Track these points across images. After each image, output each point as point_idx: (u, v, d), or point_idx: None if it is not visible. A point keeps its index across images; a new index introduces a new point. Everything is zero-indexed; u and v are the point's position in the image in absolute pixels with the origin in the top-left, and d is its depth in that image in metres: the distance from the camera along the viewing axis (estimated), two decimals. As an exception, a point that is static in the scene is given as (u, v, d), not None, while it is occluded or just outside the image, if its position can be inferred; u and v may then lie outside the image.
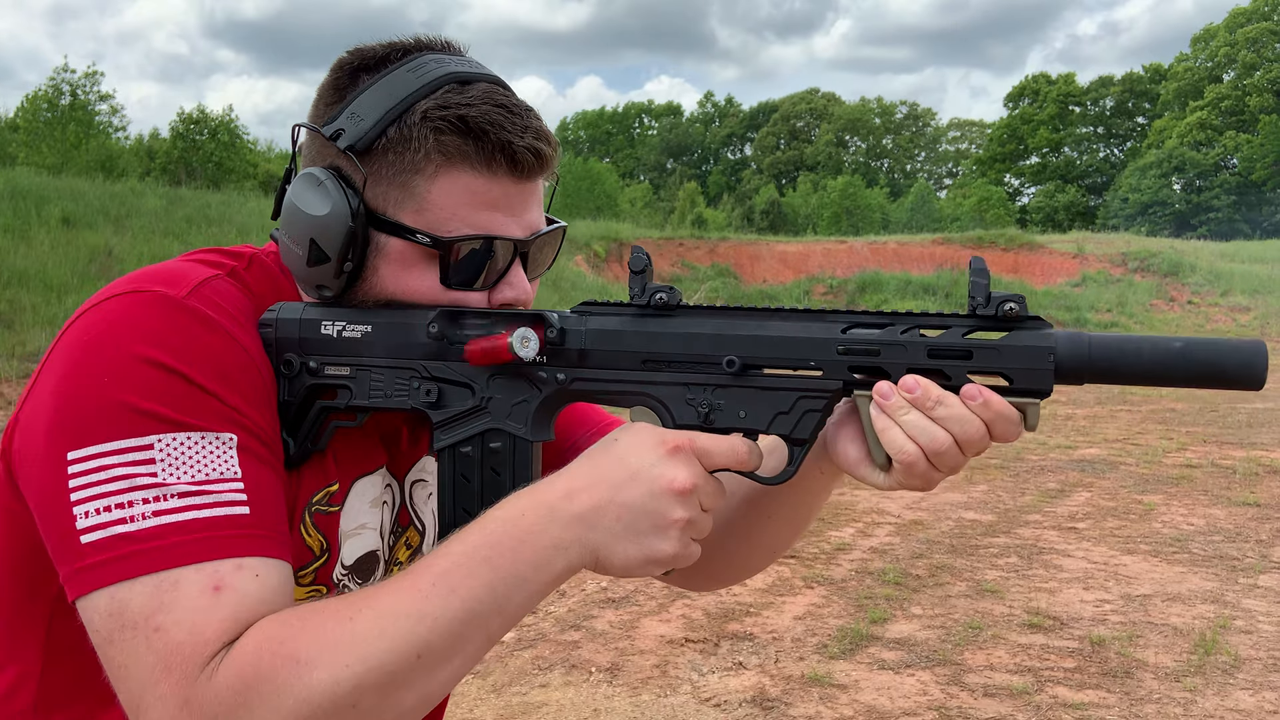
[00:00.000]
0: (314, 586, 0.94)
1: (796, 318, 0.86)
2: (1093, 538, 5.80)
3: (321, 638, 0.73)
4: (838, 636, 4.25)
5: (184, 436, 0.78)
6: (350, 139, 0.88)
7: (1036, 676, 3.87)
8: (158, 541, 0.75)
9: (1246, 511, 6.42)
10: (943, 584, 4.98)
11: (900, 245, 27.44)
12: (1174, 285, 23.94)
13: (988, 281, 0.82)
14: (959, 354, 0.83)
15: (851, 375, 0.85)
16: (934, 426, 0.81)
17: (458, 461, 0.90)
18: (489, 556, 0.77)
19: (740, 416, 0.87)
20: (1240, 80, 56.51)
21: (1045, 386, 0.82)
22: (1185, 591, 4.87)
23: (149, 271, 0.87)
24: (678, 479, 0.80)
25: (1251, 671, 3.91)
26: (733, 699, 3.67)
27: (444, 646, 0.75)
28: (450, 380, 0.90)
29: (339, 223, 0.88)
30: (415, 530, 1.05)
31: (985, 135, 71.68)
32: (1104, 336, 0.82)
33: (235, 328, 0.86)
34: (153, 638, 0.73)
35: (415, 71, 0.89)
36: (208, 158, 32.21)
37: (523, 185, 0.91)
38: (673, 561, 0.81)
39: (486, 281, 0.92)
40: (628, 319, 0.89)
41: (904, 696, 3.70)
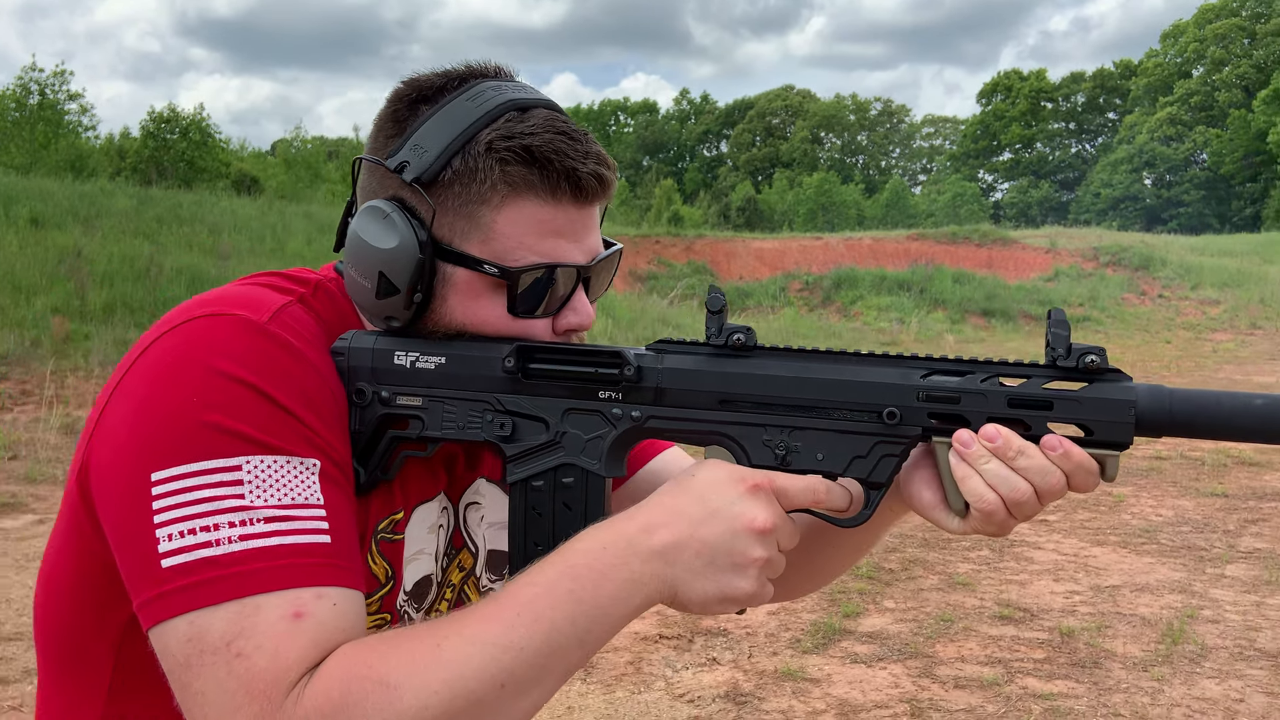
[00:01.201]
0: (379, 615, 0.94)
1: (875, 362, 0.87)
2: (1063, 530, 5.86)
3: (410, 662, 0.73)
4: (810, 631, 4.27)
5: (271, 460, 0.78)
6: (415, 171, 0.88)
7: (1006, 668, 3.91)
8: (241, 567, 0.74)
9: (1214, 502, 6.51)
10: (915, 578, 5.02)
11: (875, 241, 27.58)
12: (1145, 279, 24.19)
13: (1068, 333, 0.83)
14: (1040, 404, 0.83)
15: (931, 422, 0.85)
16: (1015, 476, 0.81)
17: (530, 495, 0.91)
18: (571, 589, 0.77)
19: (817, 459, 0.87)
20: (1209, 76, 57.20)
21: (1126, 439, 0.82)
22: (1153, 582, 4.93)
23: (224, 295, 0.86)
24: (759, 518, 0.81)
25: (1218, 660, 3.97)
26: (706, 694, 3.68)
27: (527, 676, 0.75)
28: (524, 414, 0.91)
29: (408, 255, 0.88)
30: (469, 552, 1.05)
31: (959, 131, 72.18)
32: (1185, 391, 0.83)
33: (314, 354, 0.86)
34: (234, 663, 0.72)
35: (474, 100, 0.90)
36: (179, 157, 31.88)
37: (585, 210, 0.92)
38: (749, 600, 0.81)
39: (550, 308, 0.92)
40: (704, 358, 0.89)
41: (876, 689, 3.72)
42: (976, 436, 0.82)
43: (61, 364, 9.74)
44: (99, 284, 12.73)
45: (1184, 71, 58.69)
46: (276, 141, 46.80)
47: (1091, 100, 66.24)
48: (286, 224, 18.31)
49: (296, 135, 39.82)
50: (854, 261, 25.64)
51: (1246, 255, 27.98)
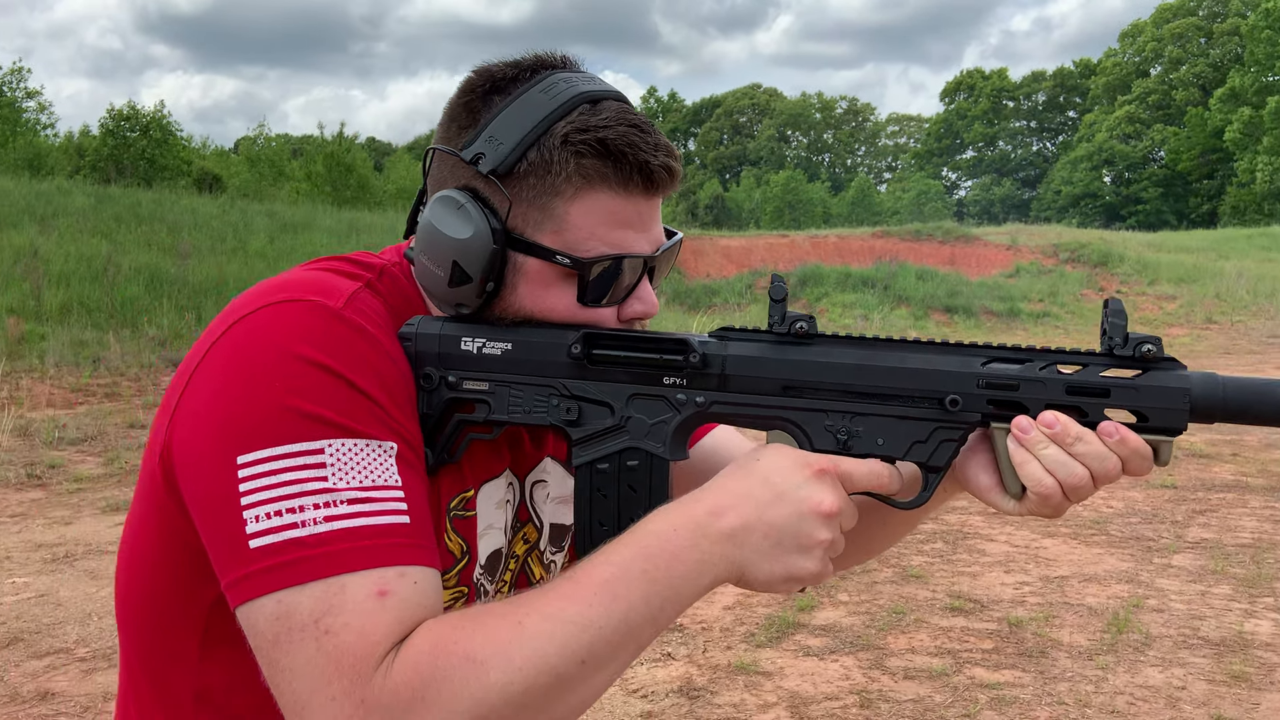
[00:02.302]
0: (457, 588, 0.96)
1: (936, 350, 0.89)
2: (1016, 522, 5.94)
3: (495, 639, 0.75)
4: (765, 625, 4.31)
5: (351, 443, 0.80)
6: (492, 163, 0.90)
7: (955, 658, 3.97)
8: (327, 547, 0.76)
9: (1164, 494, 6.63)
10: (869, 570, 5.07)
11: (840, 239, 27.77)
12: (1103, 275, 24.54)
13: (1125, 322, 0.85)
14: (1097, 392, 0.86)
15: (989, 408, 0.87)
16: (1073, 462, 0.84)
17: (595, 477, 0.93)
18: (645, 569, 0.80)
19: (878, 444, 0.89)
20: (1167, 75, 58.12)
21: (1180, 425, 0.85)
22: (1101, 572, 5.02)
23: (296, 280, 0.87)
24: (825, 502, 0.83)
25: (1162, 649, 4.05)
26: (660, 689, 3.71)
27: (605, 652, 0.78)
28: (590, 399, 0.93)
29: (482, 245, 0.90)
30: (533, 527, 1.09)
31: (923, 130, 72.79)
32: (1238, 379, 0.86)
33: (386, 339, 0.88)
34: (323, 640, 0.74)
35: (547, 92, 0.91)
36: (139, 155, 31.42)
37: (652, 201, 0.94)
38: (813, 579, 0.84)
39: (616, 296, 0.94)
40: (767, 346, 0.91)
41: (827, 681, 3.76)
42: (1035, 423, 0.85)
43: (16, 365, 9.58)
44: (55, 284, 12.52)
45: (1142, 70, 59.58)
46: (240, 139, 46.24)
47: (1052, 99, 67.07)
48: (248, 222, 18.11)
49: (260, 133, 39.39)
50: (820, 259, 25.82)
51: (1203, 251, 28.49)
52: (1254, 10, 50.51)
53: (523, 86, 0.92)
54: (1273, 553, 5.32)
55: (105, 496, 6.05)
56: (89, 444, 7.39)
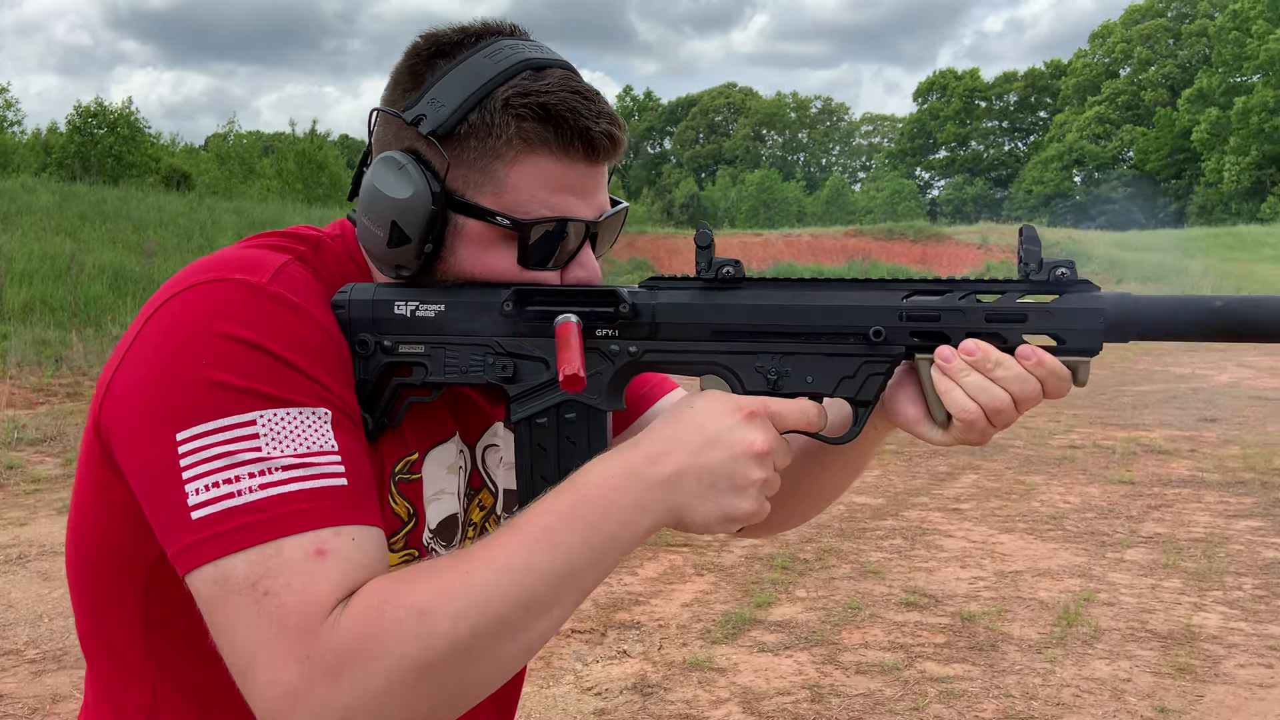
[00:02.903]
0: (406, 551, 0.98)
1: (859, 286, 0.91)
2: (974, 518, 6.01)
3: (440, 590, 0.77)
4: (721, 622, 4.33)
5: (283, 412, 0.81)
6: (432, 124, 0.91)
7: (907, 652, 4.01)
8: (264, 513, 0.78)
9: (1120, 489, 6.72)
10: (828, 567, 5.11)
11: (814, 238, 27.96)
12: (1072, 274, 24.86)
13: (1039, 248, 0.87)
14: (1014, 318, 0.88)
15: (913, 340, 0.90)
16: (994, 386, 0.86)
17: (534, 432, 0.94)
18: (584, 514, 0.82)
19: (807, 382, 0.92)
20: (1136, 75, 58.80)
21: (1095, 345, 0.87)
22: (1055, 567, 5.09)
23: (223, 259, 0.89)
24: (756, 442, 0.85)
25: (1110, 642, 4.11)
26: (614, 687, 3.72)
27: (548, 598, 0.80)
28: (525, 355, 0.94)
29: (421, 205, 0.91)
30: (488, 492, 1.10)
31: (897, 130, 73.23)
32: (1150, 297, 0.87)
33: (315, 309, 0.89)
34: (262, 601, 0.76)
35: (492, 58, 0.92)
36: (106, 152, 31.06)
37: (595, 168, 0.95)
38: (749, 518, 0.86)
39: (559, 261, 0.96)
40: (696, 292, 0.93)
41: (780, 677, 3.79)
42: (956, 351, 0.88)
43: (-26, 365, 9.45)
44: (17, 282, 12.37)
45: (1112, 71, 60.24)
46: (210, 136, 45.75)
47: (1023, 99, 67.67)
48: (216, 220, 17.97)
49: (230, 129, 39.02)
50: (793, 257, 25.96)
51: (1169, 250, 28.87)
52: (1221, 12, 51.22)
53: (468, 51, 0.93)
54: (1224, 547, 5.41)
55: (62, 498, 5.98)
56: (48, 444, 7.31)
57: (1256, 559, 5.20)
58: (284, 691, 0.75)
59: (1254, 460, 7.57)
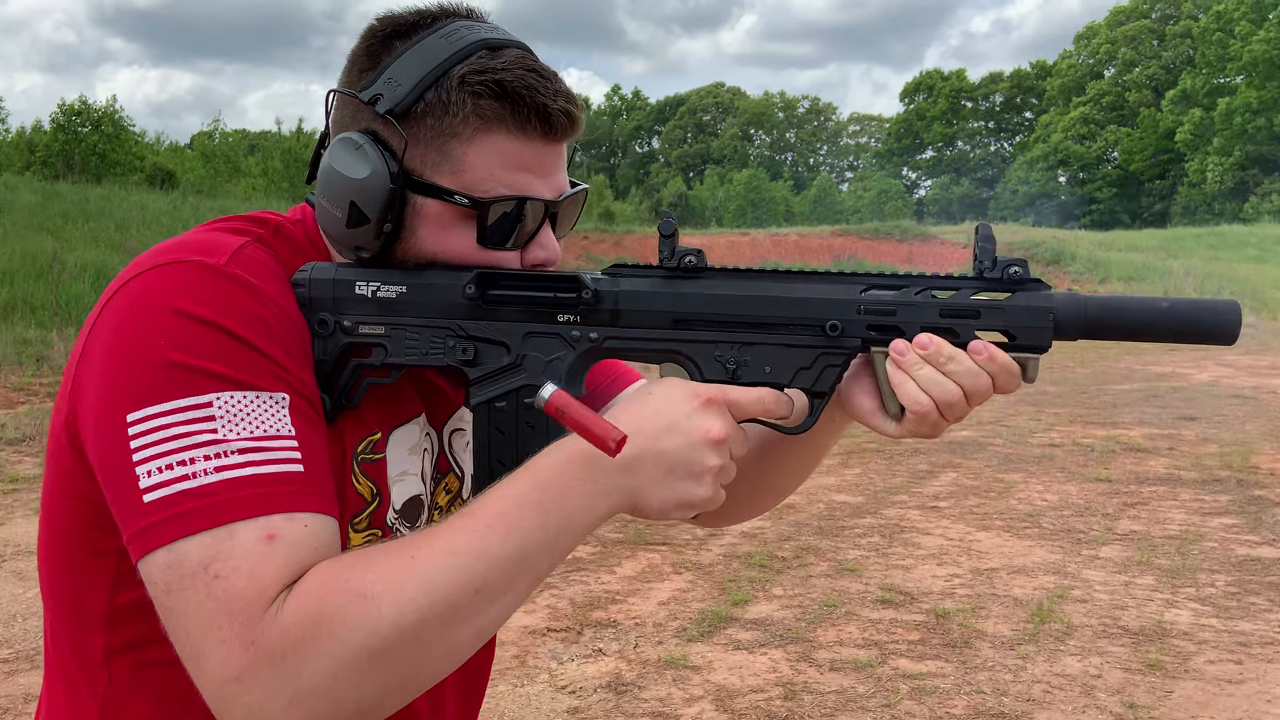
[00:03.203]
0: (369, 531, 0.98)
1: (818, 280, 0.93)
2: (952, 516, 6.04)
3: (387, 574, 0.77)
4: (698, 620, 4.35)
5: (240, 395, 0.81)
6: (389, 103, 0.91)
7: (881, 649, 4.03)
8: (217, 497, 0.77)
9: (1098, 487, 6.77)
10: (806, 565, 5.13)
11: (801, 237, 28.03)
12: (1055, 273, 24.96)
13: (994, 246, 0.90)
14: (968, 313, 0.90)
15: (869, 333, 0.91)
16: (946, 380, 0.88)
17: (493, 415, 0.95)
18: (539, 500, 0.82)
19: (766, 372, 0.93)
20: (1120, 76, 59.11)
21: (1045, 343, 0.89)
22: (1030, 564, 5.12)
23: (181, 243, 0.89)
24: (713, 429, 0.86)
25: (1082, 638, 4.15)
26: (588, 685, 3.73)
27: (500, 583, 0.80)
28: (486, 339, 0.94)
29: (379, 185, 0.91)
30: (455, 476, 1.10)
31: (884, 129, 73.43)
32: (1099, 297, 0.90)
33: (274, 291, 0.88)
34: (212, 585, 0.76)
35: (448, 38, 0.92)
36: (90, 150, 30.84)
37: (553, 147, 0.95)
38: (704, 505, 0.87)
39: (519, 241, 0.96)
40: (658, 280, 0.94)
41: (754, 675, 3.81)
42: (911, 345, 0.89)
43: (-47, 365, 9.39)
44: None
45: (1096, 72, 60.54)
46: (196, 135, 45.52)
47: (1009, 100, 67.96)
48: (199, 219, 17.81)
49: (215, 128, 38.83)
50: (779, 257, 25.99)
51: (1152, 250, 29.05)
52: (1205, 13, 51.53)
53: (424, 32, 0.93)
54: (1198, 544, 5.46)
55: (38, 498, 5.95)
56: (27, 444, 7.27)
57: (1230, 556, 5.25)
58: (232, 676, 0.75)
59: (1231, 458, 7.63)
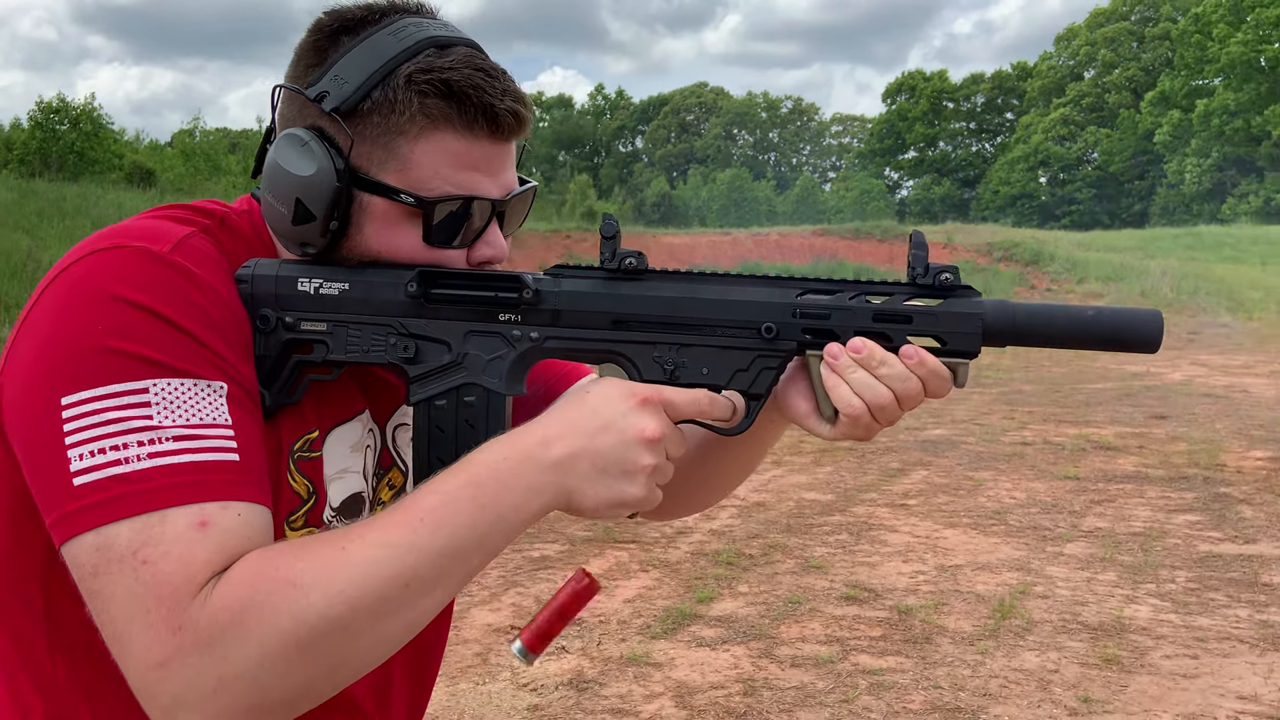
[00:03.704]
0: (306, 529, 0.98)
1: (756, 283, 0.94)
2: (920, 513, 6.08)
3: (317, 563, 0.77)
4: (662, 617, 4.36)
5: (178, 382, 0.81)
6: (335, 101, 0.91)
7: (843, 646, 4.06)
8: (150, 482, 0.77)
9: (1066, 485, 6.82)
10: (773, 562, 5.16)
11: (782, 237, 28.08)
12: (1035, 273, 25.09)
13: (926, 253, 0.92)
14: (900, 319, 0.92)
15: (804, 336, 0.93)
16: (878, 384, 0.90)
17: (433, 413, 0.95)
18: (474, 495, 0.82)
19: (703, 373, 0.94)
20: (1100, 78, 59.53)
21: (974, 348, 0.92)
22: (995, 561, 5.16)
23: (125, 228, 0.88)
24: (648, 429, 0.86)
25: (1041, 634, 4.18)
26: (550, 683, 3.74)
27: (430, 576, 0.80)
28: (427, 337, 0.95)
29: (325, 182, 0.91)
30: (399, 471, 1.10)
31: (866, 130, 73.71)
32: (1027, 305, 0.92)
33: (216, 282, 0.88)
34: (140, 570, 0.75)
35: (396, 35, 0.92)
36: (68, 148, 30.60)
37: (501, 146, 0.95)
38: (639, 504, 0.88)
39: (466, 240, 0.96)
40: (599, 281, 0.95)
41: (715, 671, 3.83)
42: (845, 349, 0.91)
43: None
44: (-30, 280, 12.18)
45: (1076, 74, 60.95)
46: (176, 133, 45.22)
47: (990, 101, 68.34)
48: (177, 218, 17.77)
49: (196, 125, 38.61)
50: (760, 256, 26.05)
51: (1130, 250, 29.26)
52: (1184, 15, 51.97)
53: (371, 28, 0.93)
54: (1161, 541, 5.51)
55: None
56: None
57: (1192, 552, 5.30)
58: (157, 662, 0.75)
59: (1199, 456, 7.71)
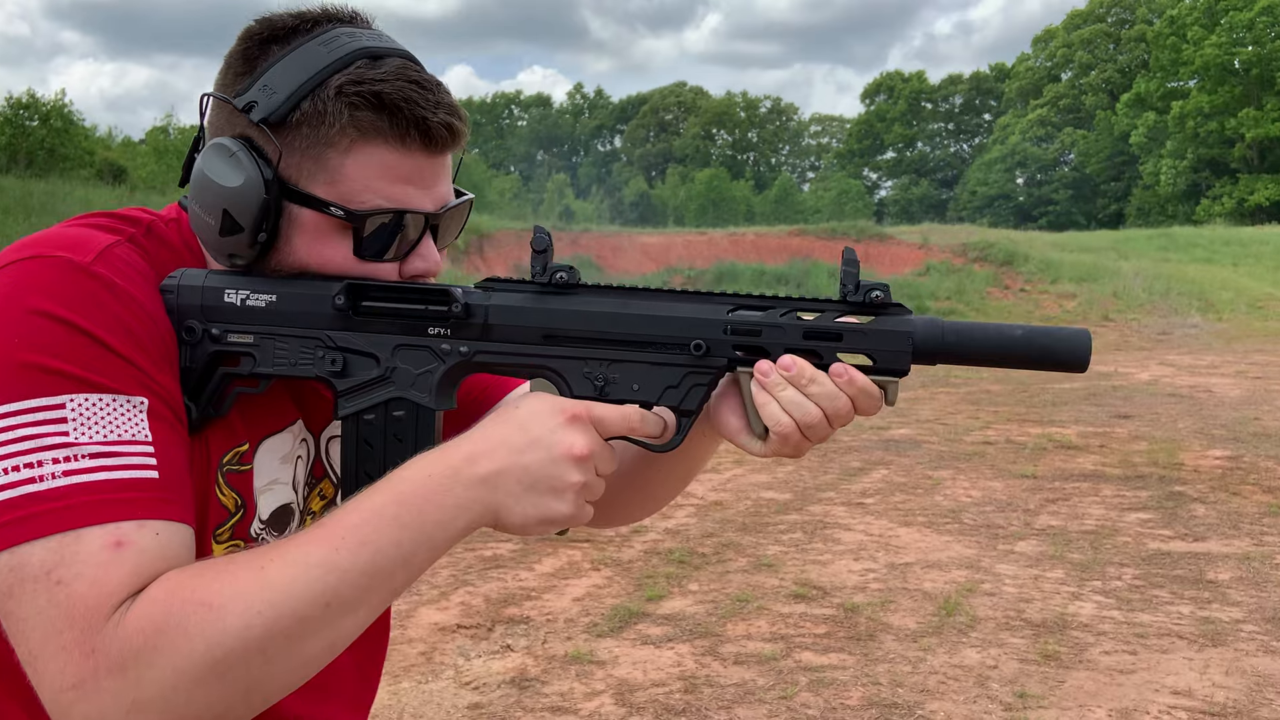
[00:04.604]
0: (232, 542, 0.96)
1: (687, 299, 0.94)
2: (876, 512, 6.11)
3: (233, 584, 0.76)
4: (610, 615, 4.36)
5: (96, 397, 0.79)
6: (263, 111, 0.90)
7: (788, 643, 4.07)
8: (65, 501, 0.76)
9: (1023, 483, 6.87)
10: (725, 560, 5.17)
11: (758, 236, 28.11)
12: (1009, 274, 25.25)
13: (858, 271, 0.91)
14: (830, 336, 0.91)
15: (735, 353, 0.92)
16: (807, 402, 0.89)
17: (361, 428, 0.94)
18: (397, 514, 0.81)
19: (633, 389, 0.93)
20: (1077, 79, 60.01)
21: (904, 366, 0.91)
22: (945, 559, 5.19)
23: (47, 237, 0.86)
24: (576, 445, 0.86)
25: (984, 631, 4.21)
26: (492, 681, 3.73)
27: (352, 596, 0.79)
28: (355, 350, 0.94)
29: (253, 194, 0.89)
30: (330, 483, 1.09)
31: (845, 130, 73.98)
32: (956, 323, 0.92)
33: (140, 294, 0.87)
34: (54, 590, 0.74)
35: (327, 45, 0.91)
36: (38, 145, 30.28)
37: (434, 159, 0.94)
38: (567, 521, 0.87)
39: (398, 253, 0.95)
40: (529, 296, 0.94)
41: (657, 669, 3.83)
42: (775, 366, 0.90)
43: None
44: (-69, 278, 12.04)
45: (1053, 75, 61.42)
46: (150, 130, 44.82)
47: (968, 102, 68.77)
48: (147, 216, 17.64)
49: (169, 122, 38.26)
50: (736, 256, 26.08)
51: (1104, 251, 29.49)
52: (1159, 18, 52.45)
53: (302, 38, 0.92)
54: (1112, 539, 5.56)
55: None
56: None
57: (1141, 550, 5.35)
58: (70, 684, 0.74)
59: (1158, 455, 7.78)
